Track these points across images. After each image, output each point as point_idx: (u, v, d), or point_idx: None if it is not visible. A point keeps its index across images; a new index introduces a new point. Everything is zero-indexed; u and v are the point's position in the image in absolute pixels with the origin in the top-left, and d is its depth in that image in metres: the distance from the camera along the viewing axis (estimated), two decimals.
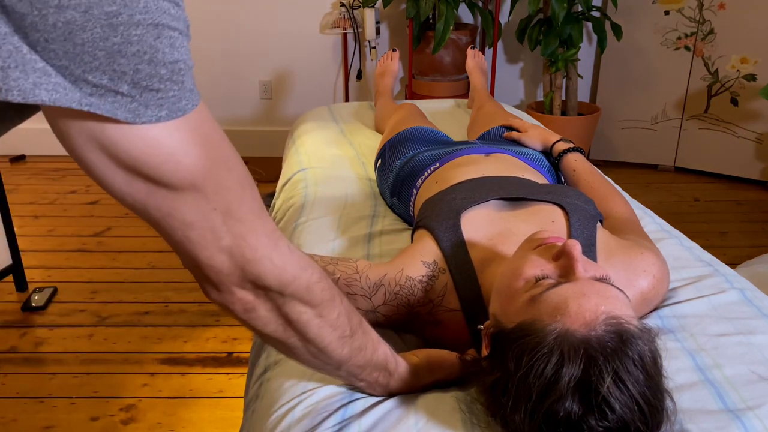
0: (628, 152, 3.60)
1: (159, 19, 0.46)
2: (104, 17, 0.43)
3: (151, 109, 0.48)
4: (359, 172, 1.77)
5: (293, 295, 0.66)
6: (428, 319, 1.01)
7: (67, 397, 1.88)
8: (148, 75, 0.47)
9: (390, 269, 1.02)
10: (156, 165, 0.50)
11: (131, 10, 0.44)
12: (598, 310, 0.74)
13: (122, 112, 0.47)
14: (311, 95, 3.66)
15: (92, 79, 0.45)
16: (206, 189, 0.54)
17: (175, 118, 0.50)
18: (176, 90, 0.49)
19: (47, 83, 0.45)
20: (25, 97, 0.44)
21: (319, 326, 0.72)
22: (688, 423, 0.80)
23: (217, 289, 0.62)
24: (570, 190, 1.16)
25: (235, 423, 1.78)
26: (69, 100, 0.45)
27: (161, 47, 0.46)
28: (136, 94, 0.47)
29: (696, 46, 3.30)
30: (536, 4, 2.96)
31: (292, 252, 0.65)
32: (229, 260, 0.59)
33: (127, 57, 0.45)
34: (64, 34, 0.43)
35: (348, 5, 3.40)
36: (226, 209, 0.56)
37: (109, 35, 0.44)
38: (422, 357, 0.91)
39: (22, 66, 0.44)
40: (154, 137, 0.49)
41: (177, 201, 0.54)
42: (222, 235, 0.57)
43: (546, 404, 0.70)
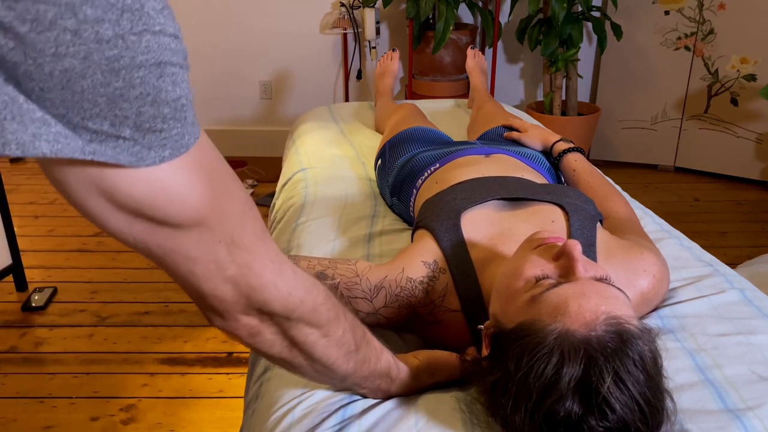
0: (628, 152, 3.60)
1: (161, 57, 0.44)
2: (105, 62, 0.41)
3: (154, 150, 0.46)
4: (359, 172, 1.77)
5: (299, 318, 0.65)
6: (429, 319, 1.01)
7: (67, 397, 1.88)
8: (152, 116, 0.44)
9: (390, 271, 1.02)
10: (161, 206, 0.49)
11: (133, 51, 0.42)
12: (599, 310, 0.74)
13: (125, 157, 0.45)
14: (311, 95, 3.66)
15: (92, 126, 0.43)
16: (211, 223, 0.52)
17: (179, 155, 0.47)
18: (179, 127, 0.47)
19: (47, 134, 0.42)
20: (24, 151, 0.41)
21: (326, 345, 0.71)
22: (688, 423, 0.80)
23: (222, 317, 0.61)
24: (570, 190, 1.16)
25: (235, 423, 1.78)
26: (71, 150, 0.43)
27: (164, 86, 0.44)
28: (139, 137, 0.45)
29: (696, 46, 3.30)
30: (536, 4, 2.96)
31: (296, 275, 0.64)
32: (233, 289, 0.58)
33: (129, 101, 0.43)
34: (62, 82, 0.41)
35: (348, 5, 3.40)
36: (230, 239, 0.55)
37: (111, 80, 0.42)
38: (423, 359, 0.91)
39: (20, 117, 0.41)
40: (158, 179, 0.47)
41: (181, 238, 0.52)
42: (227, 266, 0.56)
43: (546, 404, 0.70)
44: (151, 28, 0.42)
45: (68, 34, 0.39)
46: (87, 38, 0.40)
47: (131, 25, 0.41)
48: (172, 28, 0.44)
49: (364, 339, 0.78)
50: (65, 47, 0.40)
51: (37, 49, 0.39)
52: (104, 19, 0.40)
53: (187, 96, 0.47)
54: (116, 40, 0.41)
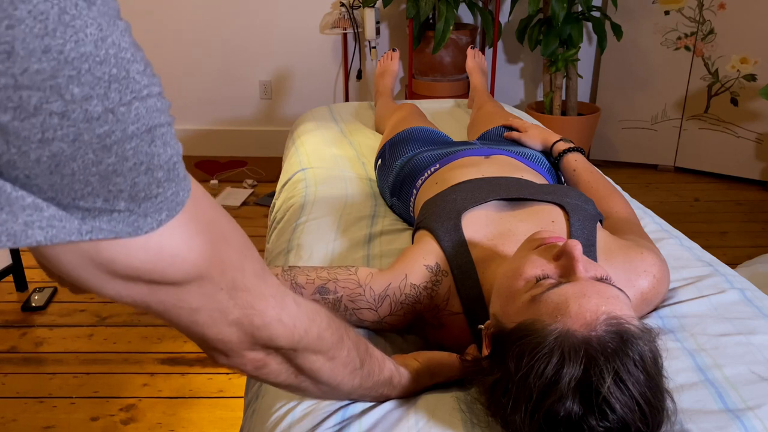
0: (628, 152, 3.60)
1: (151, 122, 0.41)
2: (96, 140, 0.38)
3: (150, 216, 0.44)
4: (359, 172, 1.77)
5: (305, 348, 0.65)
6: (433, 322, 1.02)
7: (67, 397, 1.88)
8: (146, 184, 0.42)
9: (393, 278, 1.01)
10: (161, 270, 0.47)
11: (124, 124, 0.39)
12: (599, 310, 0.74)
13: (122, 228, 0.42)
14: (311, 95, 3.66)
15: (84, 205, 0.40)
16: (212, 274, 0.51)
17: (175, 215, 0.45)
18: (174, 187, 0.44)
19: (40, 219, 0.39)
20: (16, 242, 0.39)
21: (331, 368, 0.71)
22: (689, 423, 0.80)
23: (227, 356, 0.60)
24: (570, 190, 1.16)
25: (235, 423, 1.78)
26: (68, 232, 0.40)
27: (156, 151, 0.42)
28: (135, 207, 0.42)
29: (696, 46, 3.30)
30: (536, 4, 2.96)
31: (298, 305, 0.63)
32: (238, 330, 0.56)
33: (123, 174, 0.40)
34: (50, 168, 0.37)
35: (348, 5, 3.40)
36: (232, 285, 0.53)
37: (103, 158, 0.39)
38: (422, 361, 0.91)
39: (9, 207, 0.38)
40: (155, 244, 0.45)
41: (182, 293, 0.50)
42: (230, 310, 0.54)
43: (546, 404, 0.70)
44: (139, 94, 0.40)
45: (55, 118, 0.37)
46: (76, 119, 0.37)
47: (120, 96, 0.39)
48: (156, 87, 0.42)
49: (368, 353, 0.78)
50: (53, 132, 0.37)
51: (22, 137, 0.36)
52: (92, 96, 0.38)
53: (177, 152, 0.45)
54: (106, 115, 0.38)
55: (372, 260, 1.27)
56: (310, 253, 1.30)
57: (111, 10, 0.39)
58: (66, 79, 0.36)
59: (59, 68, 0.36)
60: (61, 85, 0.36)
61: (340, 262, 1.27)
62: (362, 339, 0.77)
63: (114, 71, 0.38)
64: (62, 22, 0.35)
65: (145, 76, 0.41)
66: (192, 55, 3.58)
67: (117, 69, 0.38)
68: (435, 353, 0.93)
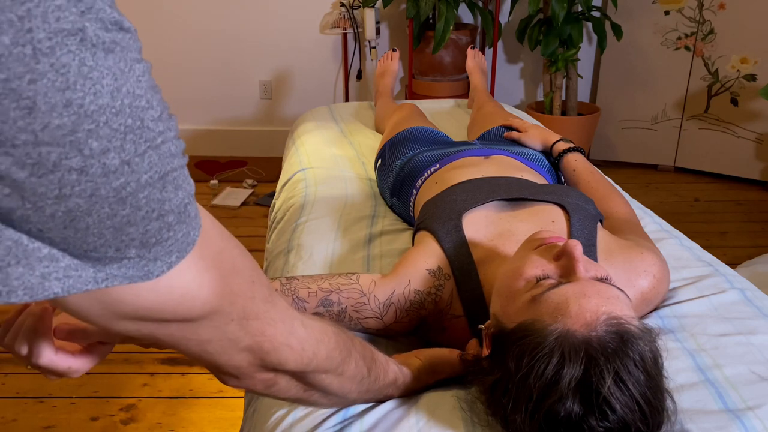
0: (628, 152, 3.60)
1: (164, 169, 0.40)
2: (113, 194, 0.38)
3: (161, 260, 0.43)
4: (359, 172, 1.77)
5: (315, 369, 0.65)
6: (435, 326, 1.02)
7: (67, 397, 1.88)
8: (157, 230, 0.41)
9: (397, 284, 1.00)
10: (171, 309, 0.46)
11: (138, 174, 0.38)
12: (599, 310, 0.74)
13: (132, 273, 0.42)
14: (311, 95, 3.66)
15: (95, 255, 0.39)
16: (222, 307, 0.50)
17: (185, 255, 0.44)
18: (184, 228, 0.43)
19: (56, 270, 0.38)
20: (33, 296, 0.38)
21: (340, 382, 0.71)
22: (689, 423, 0.80)
23: (237, 379, 0.60)
24: (570, 190, 1.16)
25: (235, 423, 1.78)
26: (84, 282, 0.40)
27: (167, 196, 0.41)
28: (145, 253, 0.41)
29: (696, 46, 3.30)
30: (536, 4, 2.96)
31: (306, 328, 0.62)
32: (248, 356, 0.56)
33: (135, 224, 0.40)
34: (64, 222, 0.37)
35: (348, 5, 3.40)
36: (242, 314, 0.53)
37: (118, 211, 0.38)
38: (424, 359, 0.91)
39: (26, 260, 0.37)
40: (165, 285, 0.44)
41: (195, 327, 0.50)
42: (241, 339, 0.54)
43: (546, 405, 0.70)
44: (153, 142, 0.39)
45: (74, 174, 0.36)
46: (94, 174, 0.36)
47: (135, 147, 0.38)
48: (171, 131, 0.41)
49: (373, 360, 0.78)
50: (70, 188, 0.36)
51: (38, 194, 0.35)
52: (109, 149, 0.37)
53: (189, 193, 0.44)
54: (122, 167, 0.38)
55: (372, 260, 1.27)
56: (310, 253, 1.30)
57: (130, 53, 0.38)
58: (85, 133, 0.35)
59: (79, 122, 0.35)
60: (80, 140, 0.35)
61: (340, 263, 1.27)
62: (368, 346, 0.78)
63: (129, 122, 0.37)
64: (81, 74, 0.34)
65: (160, 122, 0.40)
66: (192, 55, 3.57)
67: (132, 119, 0.38)
68: (436, 350, 0.94)
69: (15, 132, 0.33)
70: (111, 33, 0.36)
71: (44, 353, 0.57)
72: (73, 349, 0.59)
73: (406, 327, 1.01)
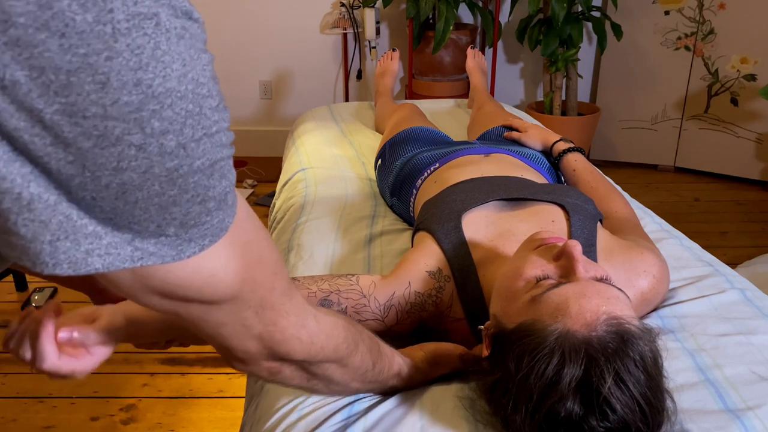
0: (628, 152, 3.60)
1: (215, 157, 0.42)
2: (165, 174, 0.40)
3: (195, 241, 0.45)
4: (359, 172, 1.77)
5: (321, 360, 0.67)
6: (436, 328, 1.02)
7: (67, 397, 1.88)
8: (198, 214, 0.43)
9: (397, 286, 1.00)
10: (197, 289, 0.48)
11: (191, 159, 0.41)
12: (599, 310, 0.74)
13: (166, 251, 0.44)
14: (311, 95, 3.66)
15: (137, 228, 0.42)
16: (243, 294, 0.52)
17: (217, 240, 0.46)
18: (221, 215, 0.45)
19: (99, 247, 0.41)
20: (76, 270, 0.40)
21: (343, 373, 0.73)
22: (689, 423, 0.80)
23: (244, 363, 0.61)
24: (570, 190, 1.16)
25: (235, 423, 1.78)
26: (122, 260, 0.42)
27: (213, 183, 0.43)
28: (182, 233, 0.43)
29: (696, 46, 3.30)
30: (536, 4, 2.96)
31: (318, 322, 0.64)
32: (258, 343, 0.58)
33: (180, 205, 0.42)
34: (116, 194, 0.39)
35: (348, 5, 3.40)
36: (260, 303, 0.55)
37: (167, 190, 0.40)
38: (428, 352, 0.92)
39: (73, 235, 0.40)
40: (195, 265, 0.46)
41: (214, 310, 0.52)
42: (254, 326, 0.56)
43: (547, 405, 0.70)
44: (209, 130, 0.41)
45: (133, 149, 0.38)
46: (151, 152, 0.39)
47: (192, 132, 0.40)
48: (225, 122, 0.43)
49: (379, 352, 0.80)
50: (127, 162, 0.38)
51: (98, 164, 0.38)
52: (169, 131, 0.39)
53: (231, 182, 0.46)
54: (178, 150, 0.40)
55: (373, 260, 1.27)
56: (310, 253, 1.30)
57: (198, 43, 0.40)
58: (149, 113, 0.38)
59: (146, 102, 0.37)
60: (144, 119, 0.37)
61: (341, 263, 1.27)
62: (375, 339, 0.79)
63: (190, 107, 0.40)
64: (154, 57, 0.37)
65: (217, 111, 0.42)
66: None
67: (193, 105, 0.40)
68: (440, 344, 0.94)
69: (87, 104, 0.36)
70: (181, 20, 0.39)
71: (48, 357, 0.59)
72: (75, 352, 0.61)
73: (407, 328, 1.01)
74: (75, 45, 0.34)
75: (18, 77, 0.34)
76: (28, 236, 0.39)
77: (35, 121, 0.36)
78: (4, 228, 0.39)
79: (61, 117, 0.36)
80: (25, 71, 0.34)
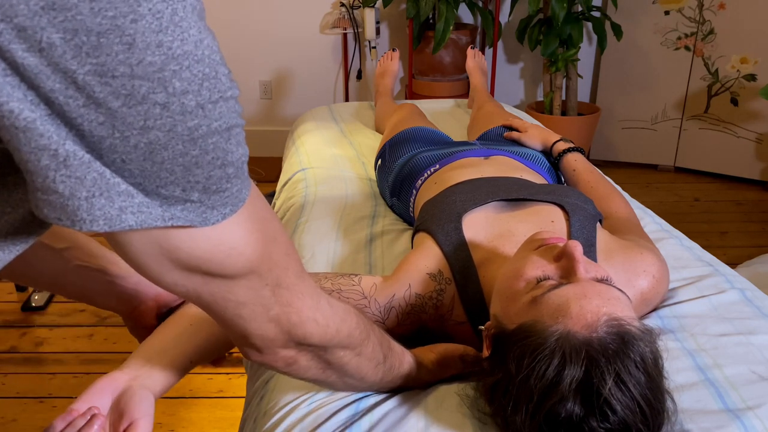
0: (628, 152, 3.60)
1: (230, 121, 0.45)
2: (187, 133, 0.42)
3: (217, 209, 0.47)
4: (359, 172, 1.77)
5: (336, 345, 0.68)
6: (438, 332, 1.01)
7: (67, 397, 1.88)
8: (219, 178, 0.46)
9: (398, 288, 1.00)
10: (218, 261, 0.50)
11: (209, 119, 0.43)
12: (600, 311, 0.74)
13: (193, 217, 0.46)
14: (311, 95, 3.66)
15: (164, 192, 0.44)
16: (261, 270, 0.54)
17: (237, 210, 0.49)
18: (239, 183, 0.48)
19: (132, 205, 0.43)
20: (111, 226, 0.43)
21: (358, 362, 0.74)
22: (689, 423, 0.81)
23: (260, 352, 0.62)
24: (570, 190, 1.16)
25: (234, 423, 1.78)
26: (154, 218, 0.44)
27: (231, 148, 0.46)
28: (205, 199, 0.46)
29: (696, 46, 3.30)
30: (536, 4, 2.96)
31: (331, 306, 0.66)
32: (276, 327, 0.59)
33: (202, 167, 0.44)
34: (144, 154, 0.42)
35: (348, 5, 3.40)
36: (276, 282, 0.56)
37: (189, 150, 0.43)
38: (438, 353, 0.92)
39: (107, 192, 0.42)
40: (218, 236, 0.48)
41: (233, 286, 0.53)
42: (271, 306, 0.58)
43: (547, 406, 0.70)
44: (224, 94, 0.44)
45: (158, 108, 0.40)
46: (174, 110, 0.41)
47: (210, 93, 0.43)
48: (236, 90, 0.46)
49: (390, 348, 0.81)
50: (153, 120, 0.41)
51: (127, 123, 0.40)
52: (189, 91, 0.41)
53: (246, 153, 0.48)
54: (197, 110, 0.42)
55: (374, 260, 1.28)
56: (311, 253, 1.30)
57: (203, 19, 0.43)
58: (171, 73, 0.40)
59: (167, 62, 0.40)
60: (166, 78, 0.40)
61: (341, 263, 1.27)
62: (385, 335, 0.80)
63: (207, 70, 0.42)
64: (173, 22, 0.39)
65: (229, 79, 0.45)
66: None
67: (209, 69, 0.42)
68: (450, 345, 0.94)
69: (116, 64, 0.38)
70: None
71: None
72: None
73: (408, 330, 1.01)
74: (104, 8, 0.37)
75: (54, 39, 0.36)
76: (66, 193, 0.41)
77: (69, 82, 0.38)
78: (44, 186, 0.41)
79: (92, 77, 0.38)
80: (60, 33, 0.36)
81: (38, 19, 0.36)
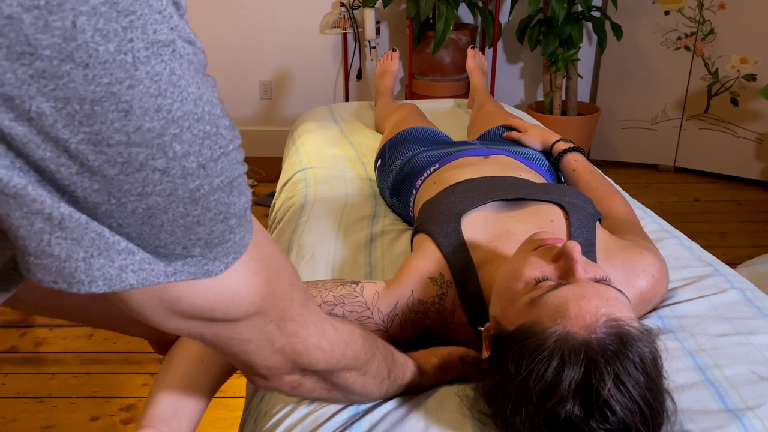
0: (628, 152, 3.60)
1: (232, 174, 0.43)
2: (188, 195, 0.41)
3: (219, 260, 0.46)
4: (359, 172, 1.77)
5: (342, 368, 0.68)
6: (440, 335, 1.01)
7: (67, 397, 1.88)
8: (221, 232, 0.44)
9: (400, 295, 0.99)
10: (221, 309, 0.49)
11: (212, 178, 0.42)
12: (599, 312, 0.74)
13: (195, 270, 0.45)
14: (311, 95, 3.66)
15: (164, 252, 0.42)
16: (266, 309, 0.53)
17: (240, 257, 0.47)
18: (242, 231, 0.46)
19: (133, 263, 0.41)
20: (111, 286, 0.41)
21: (363, 381, 0.74)
22: (688, 423, 0.81)
23: (266, 379, 0.62)
24: (569, 189, 1.16)
25: (234, 423, 1.78)
26: (156, 275, 0.43)
27: (233, 200, 0.44)
28: (207, 253, 0.44)
29: (696, 46, 3.30)
30: (536, 4, 2.96)
31: (336, 330, 0.65)
32: (281, 357, 0.59)
33: (204, 224, 0.43)
34: (142, 218, 0.40)
35: (348, 5, 3.40)
36: (281, 316, 0.55)
37: (191, 211, 0.41)
38: (441, 357, 0.92)
39: (106, 251, 0.40)
40: (219, 284, 0.47)
41: (237, 327, 0.52)
42: (276, 339, 0.57)
43: (547, 407, 0.70)
44: (226, 149, 0.42)
45: (157, 174, 0.39)
46: (174, 175, 0.40)
47: (211, 152, 0.41)
48: (237, 139, 0.44)
49: (394, 361, 0.81)
50: (152, 186, 0.39)
51: (123, 190, 0.38)
52: (190, 153, 0.40)
53: (248, 198, 0.47)
54: (199, 170, 0.41)
55: (374, 261, 1.27)
56: (312, 253, 1.30)
57: (202, 68, 0.41)
58: (171, 137, 0.38)
59: (167, 127, 0.38)
60: (166, 143, 0.38)
61: (341, 263, 1.27)
62: (389, 347, 0.80)
63: (207, 128, 0.41)
64: (171, 82, 0.38)
65: (230, 130, 0.43)
66: None
67: (209, 126, 0.41)
68: (453, 349, 0.94)
69: (111, 132, 0.36)
70: (190, 46, 0.40)
71: None
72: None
73: (410, 335, 1.00)
74: (98, 75, 0.35)
75: (44, 109, 0.35)
76: (62, 255, 0.39)
77: (61, 151, 0.36)
78: (38, 250, 0.39)
79: (86, 146, 0.36)
80: (50, 102, 0.35)
81: (26, 87, 0.34)
